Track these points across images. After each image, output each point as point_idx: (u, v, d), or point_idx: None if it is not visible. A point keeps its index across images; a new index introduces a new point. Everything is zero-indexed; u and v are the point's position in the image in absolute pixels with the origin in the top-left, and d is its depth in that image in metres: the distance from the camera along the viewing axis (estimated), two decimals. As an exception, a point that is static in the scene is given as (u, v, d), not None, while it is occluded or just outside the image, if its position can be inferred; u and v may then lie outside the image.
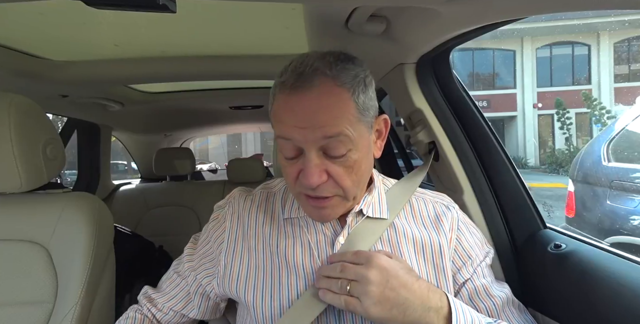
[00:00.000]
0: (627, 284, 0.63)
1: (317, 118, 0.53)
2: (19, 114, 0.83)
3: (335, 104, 0.54)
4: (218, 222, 0.70)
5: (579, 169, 2.63)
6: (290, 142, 0.55)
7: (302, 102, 0.54)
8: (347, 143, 0.54)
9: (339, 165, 0.56)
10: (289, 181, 0.60)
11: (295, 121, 0.54)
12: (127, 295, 1.48)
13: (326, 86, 0.54)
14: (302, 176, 0.55)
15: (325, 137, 0.53)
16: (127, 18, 0.96)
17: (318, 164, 0.54)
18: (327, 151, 0.55)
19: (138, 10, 0.54)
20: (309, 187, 0.55)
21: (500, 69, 14.55)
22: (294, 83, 0.54)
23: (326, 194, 0.57)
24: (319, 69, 0.54)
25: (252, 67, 1.36)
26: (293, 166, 0.57)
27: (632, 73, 13.40)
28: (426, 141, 1.03)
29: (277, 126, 0.57)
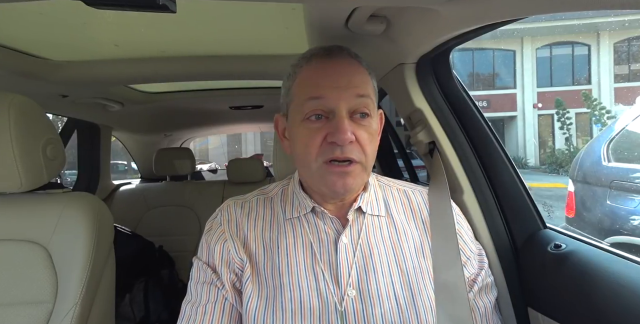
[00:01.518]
0: (627, 284, 0.63)
1: (352, 79, 0.59)
2: (19, 114, 0.83)
3: (362, 73, 0.62)
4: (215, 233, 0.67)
5: (579, 169, 2.63)
6: (321, 102, 0.58)
7: (336, 66, 0.60)
8: (371, 108, 0.60)
9: (364, 130, 0.59)
10: (311, 150, 0.59)
11: (331, 81, 0.58)
12: (127, 295, 1.48)
13: (353, 61, 0.62)
14: (333, 135, 0.57)
15: (358, 95, 0.58)
16: (127, 18, 0.96)
17: (349, 123, 0.57)
18: (354, 113, 0.59)
19: (138, 10, 0.54)
20: (341, 143, 0.56)
21: (500, 69, 14.55)
22: (326, 53, 0.62)
23: (353, 156, 0.58)
24: (342, 48, 0.63)
25: (252, 67, 1.36)
26: (319, 131, 0.58)
27: (632, 73, 13.40)
28: (426, 141, 1.03)
29: (307, 89, 0.60)
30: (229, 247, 0.64)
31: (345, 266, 0.61)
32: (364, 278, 0.61)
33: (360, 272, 0.61)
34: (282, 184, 0.72)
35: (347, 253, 0.62)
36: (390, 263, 0.63)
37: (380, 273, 0.61)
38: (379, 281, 0.61)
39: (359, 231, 0.64)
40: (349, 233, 0.64)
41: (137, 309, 1.50)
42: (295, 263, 0.62)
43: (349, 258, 0.62)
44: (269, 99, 2.00)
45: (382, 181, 0.73)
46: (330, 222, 0.65)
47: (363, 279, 0.61)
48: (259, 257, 0.63)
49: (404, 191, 0.71)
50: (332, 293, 0.60)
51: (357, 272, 0.61)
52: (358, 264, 0.62)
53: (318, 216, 0.65)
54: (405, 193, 0.71)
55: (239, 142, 17.92)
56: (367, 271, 0.61)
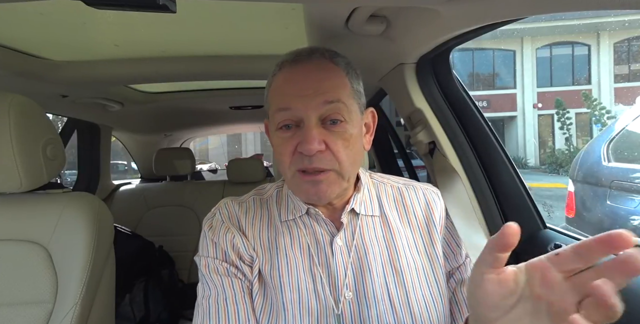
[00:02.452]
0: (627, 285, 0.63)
1: (319, 85, 0.57)
2: (19, 114, 0.83)
3: (333, 76, 0.59)
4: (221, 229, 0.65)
5: (579, 169, 2.63)
6: (289, 112, 0.57)
7: (303, 72, 0.58)
8: (344, 112, 0.58)
9: (337, 137, 0.57)
10: (284, 159, 0.59)
11: (297, 89, 0.57)
12: (127, 295, 1.48)
13: (323, 62, 0.59)
14: (301, 145, 0.56)
15: (326, 102, 0.56)
16: (127, 18, 0.96)
17: (318, 132, 0.56)
18: (325, 119, 0.57)
19: (138, 10, 0.54)
20: (308, 153, 0.55)
21: (500, 69, 14.54)
22: (293, 59, 0.60)
23: (323, 166, 0.57)
24: (316, 51, 0.60)
25: (252, 67, 1.36)
26: (289, 140, 0.57)
27: (632, 73, 13.40)
28: (426, 141, 1.03)
29: (276, 99, 0.59)
30: (238, 243, 0.63)
31: (342, 268, 0.61)
32: (359, 279, 0.61)
33: (356, 273, 0.61)
34: (277, 186, 0.72)
35: (342, 254, 0.62)
36: (385, 262, 0.62)
37: (375, 273, 0.61)
38: (374, 282, 0.61)
39: (353, 233, 0.64)
40: (343, 236, 0.63)
41: (137, 309, 1.50)
42: (295, 265, 0.62)
43: (345, 260, 0.62)
44: (269, 99, 1.99)
45: (375, 179, 0.73)
46: (324, 224, 0.64)
47: (359, 280, 0.61)
48: (261, 256, 0.63)
49: (397, 188, 0.71)
50: (329, 296, 0.60)
51: (353, 273, 0.61)
52: (354, 266, 0.62)
53: (313, 218, 0.65)
54: (399, 190, 0.71)
55: (239, 142, 17.92)
56: (362, 272, 0.61)
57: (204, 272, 0.63)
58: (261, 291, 0.62)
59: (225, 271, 0.62)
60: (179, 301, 1.70)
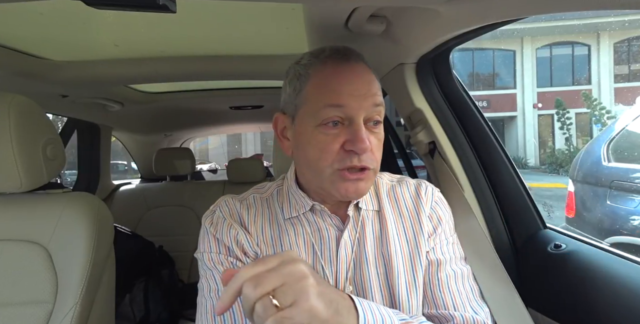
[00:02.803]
0: (627, 285, 0.63)
1: (370, 87, 0.59)
2: (19, 114, 0.83)
3: (375, 81, 0.61)
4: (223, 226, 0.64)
5: (579, 169, 2.63)
6: (341, 109, 0.57)
7: (355, 72, 0.59)
8: (382, 116, 0.61)
9: (375, 138, 0.60)
10: (326, 156, 0.58)
11: (351, 88, 0.58)
12: (127, 295, 1.48)
13: (367, 67, 0.62)
14: (352, 143, 0.56)
15: (375, 104, 0.58)
16: (127, 18, 0.96)
17: (365, 132, 0.58)
18: (368, 121, 0.59)
19: (138, 10, 0.54)
20: (361, 152, 0.56)
21: (500, 69, 14.54)
22: (342, 56, 0.60)
23: (369, 164, 0.58)
24: (359, 54, 0.62)
25: (252, 67, 1.36)
26: (336, 138, 0.58)
27: (632, 73, 13.40)
28: (426, 141, 1.03)
29: (326, 95, 0.58)
30: (242, 239, 0.63)
31: (344, 263, 0.63)
32: (358, 272, 0.63)
33: (356, 266, 0.63)
34: (277, 185, 0.72)
35: (346, 249, 0.63)
36: (377, 256, 0.64)
37: (372, 264, 0.63)
38: (371, 273, 0.63)
39: (355, 227, 0.65)
40: (353, 229, 0.65)
41: (137, 309, 1.50)
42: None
43: (348, 254, 0.63)
44: (269, 99, 1.99)
45: None
46: (330, 219, 0.65)
47: (357, 273, 0.62)
48: (265, 253, 0.63)
49: (391, 186, 0.72)
50: None
51: (354, 266, 0.63)
52: (355, 260, 0.63)
53: (317, 214, 0.65)
54: (393, 188, 0.72)
55: (239, 142, 17.91)
56: (360, 264, 0.63)
57: (209, 266, 0.62)
58: None
59: (230, 265, 0.61)
60: (179, 301, 1.70)
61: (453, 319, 0.61)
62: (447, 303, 0.62)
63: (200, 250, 0.65)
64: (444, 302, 0.63)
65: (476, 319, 0.61)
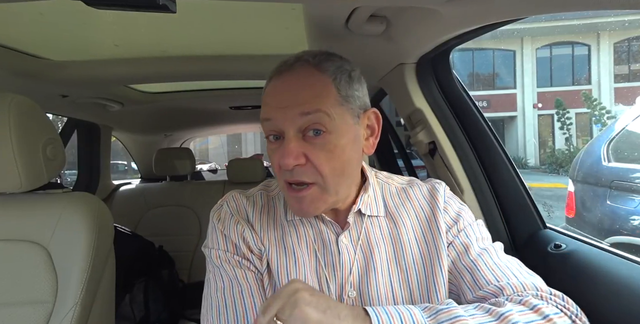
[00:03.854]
0: (627, 284, 0.63)
1: (297, 96, 0.55)
2: (19, 114, 0.83)
3: (315, 84, 0.56)
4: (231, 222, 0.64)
5: (579, 169, 2.63)
6: (271, 123, 0.57)
7: (283, 83, 0.58)
8: (326, 123, 0.55)
9: (319, 149, 0.55)
10: (275, 170, 0.60)
11: (276, 101, 0.57)
12: (127, 295, 1.48)
13: (306, 70, 0.57)
14: (279, 157, 0.55)
15: (303, 113, 0.54)
16: (127, 18, 0.96)
17: (295, 145, 0.55)
18: (306, 131, 0.56)
19: (138, 10, 0.54)
20: (285, 168, 0.55)
21: (500, 69, 14.54)
22: (277, 69, 0.60)
23: (304, 179, 0.56)
24: (301, 58, 0.59)
25: (252, 67, 1.36)
26: (276, 152, 0.57)
27: (632, 73, 13.40)
28: (426, 141, 1.03)
29: (262, 109, 0.60)
30: (247, 236, 0.63)
31: (347, 267, 0.61)
32: (364, 279, 0.61)
33: (361, 273, 0.61)
34: None
35: (348, 253, 0.62)
36: (390, 262, 0.62)
37: (380, 273, 0.61)
38: (379, 282, 0.61)
39: (358, 233, 0.64)
40: (348, 235, 0.64)
41: (137, 309, 1.50)
42: (302, 264, 0.62)
43: (351, 259, 0.62)
44: (269, 99, 1.99)
45: (380, 179, 0.72)
46: (330, 224, 0.65)
47: (363, 280, 0.61)
48: (268, 252, 0.63)
49: (402, 189, 0.71)
50: (334, 294, 0.60)
51: (359, 273, 0.61)
52: (359, 265, 0.62)
53: (319, 217, 0.65)
54: (405, 191, 0.70)
55: (239, 142, 17.91)
56: (367, 272, 0.61)
57: (216, 263, 0.62)
58: (271, 285, 0.61)
59: (238, 263, 0.61)
60: (179, 301, 1.70)
61: (502, 290, 0.55)
62: (489, 278, 0.58)
63: (208, 245, 0.64)
64: (485, 279, 0.58)
65: (525, 284, 0.56)
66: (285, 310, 0.45)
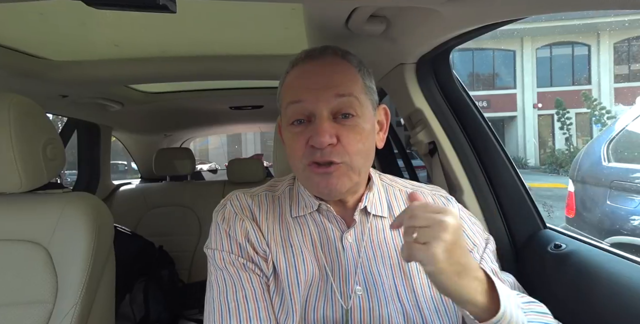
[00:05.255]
0: (627, 284, 0.63)
1: (330, 79, 0.58)
2: (19, 114, 0.83)
3: (345, 70, 0.60)
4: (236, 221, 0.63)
5: (579, 169, 2.63)
6: (301, 105, 0.58)
7: (314, 67, 0.60)
8: (356, 107, 0.58)
9: (349, 130, 0.57)
10: (295, 154, 0.59)
11: (308, 83, 0.58)
12: (127, 295, 1.48)
13: (335, 59, 0.61)
14: (312, 138, 0.56)
15: (338, 95, 0.57)
16: (127, 18, 0.96)
17: (329, 125, 0.56)
18: (337, 113, 0.58)
19: (138, 10, 0.54)
20: (319, 145, 0.56)
21: (500, 69, 14.55)
22: (305, 56, 0.61)
23: (334, 159, 0.57)
24: (329, 48, 0.62)
25: (252, 67, 1.36)
26: (301, 135, 0.58)
27: (632, 73, 13.40)
28: (426, 141, 1.04)
29: (288, 93, 0.60)
30: (252, 236, 0.62)
31: (352, 265, 0.61)
32: (369, 278, 0.61)
33: (366, 272, 0.61)
34: (288, 183, 0.71)
35: (352, 251, 0.62)
36: (393, 265, 0.62)
37: (384, 275, 0.61)
38: (384, 284, 0.61)
39: (362, 232, 0.64)
40: (353, 233, 0.64)
41: (137, 309, 1.50)
42: (310, 261, 0.61)
43: (355, 257, 0.62)
44: (269, 99, 1.99)
45: (385, 181, 0.73)
46: (335, 221, 0.64)
47: (368, 279, 0.61)
48: (275, 252, 0.62)
49: (405, 192, 0.71)
50: (337, 291, 0.60)
51: (363, 272, 0.61)
52: (363, 265, 0.62)
53: (324, 214, 0.65)
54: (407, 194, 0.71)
55: (239, 142, 17.91)
56: (372, 272, 0.61)
57: (220, 265, 0.61)
58: (278, 289, 0.60)
59: (243, 266, 0.60)
60: (179, 301, 1.70)
61: None
62: None
63: (212, 246, 0.63)
64: None
65: None
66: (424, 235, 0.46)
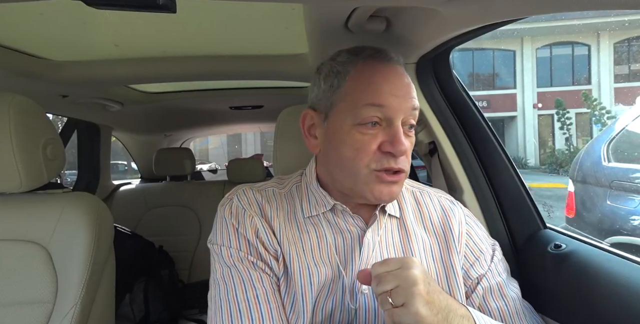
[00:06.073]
0: (627, 284, 0.63)
1: (409, 90, 0.59)
2: (19, 114, 0.83)
3: (411, 84, 0.61)
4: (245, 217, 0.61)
5: (579, 169, 2.63)
6: (381, 109, 0.57)
7: (396, 73, 0.59)
8: (416, 120, 0.61)
9: (409, 141, 0.59)
10: (362, 156, 0.57)
11: (392, 88, 0.57)
12: (127, 295, 1.48)
13: (401, 66, 0.62)
14: (390, 145, 0.56)
15: (413, 108, 0.58)
16: (127, 18, 0.96)
17: (403, 134, 0.57)
18: (404, 123, 0.58)
19: (138, 10, 0.54)
20: (399, 154, 0.56)
21: (500, 69, 14.55)
22: (383, 56, 0.60)
23: (404, 167, 0.58)
24: (396, 56, 0.62)
25: (252, 67, 1.35)
26: (374, 138, 0.57)
27: (632, 73, 13.40)
28: (426, 141, 1.04)
29: (367, 93, 0.57)
30: (262, 234, 0.60)
31: (365, 264, 0.61)
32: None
33: None
34: (294, 181, 0.69)
35: (369, 250, 0.61)
36: None
37: None
38: None
39: (378, 230, 0.63)
40: (371, 231, 0.62)
41: (137, 309, 1.50)
42: (324, 264, 0.60)
43: (369, 255, 0.61)
44: (269, 99, 1.99)
45: None
46: (352, 220, 0.63)
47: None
48: (287, 252, 0.60)
49: (412, 192, 0.70)
50: (347, 289, 0.59)
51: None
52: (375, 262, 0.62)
53: (337, 214, 0.63)
54: (414, 194, 0.70)
55: (239, 142, 17.91)
56: None
57: (227, 262, 0.58)
58: (290, 289, 0.59)
59: (252, 265, 0.58)
60: (179, 301, 1.70)
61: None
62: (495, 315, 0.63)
63: (218, 242, 0.60)
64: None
65: None
66: (399, 296, 0.47)
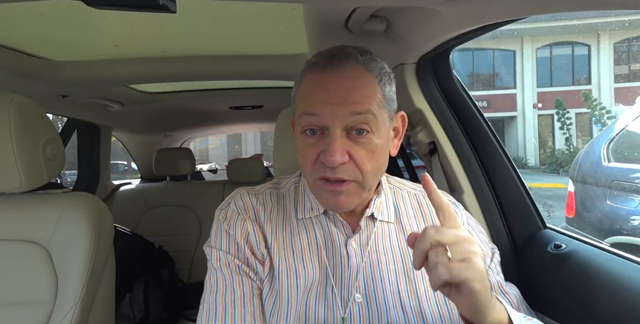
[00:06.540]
0: (627, 284, 0.63)
1: (349, 95, 0.54)
2: (19, 114, 0.83)
3: (365, 85, 0.56)
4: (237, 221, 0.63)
5: (579, 169, 2.63)
6: (315, 118, 0.55)
7: (334, 80, 0.56)
8: (372, 124, 0.55)
9: (362, 148, 0.56)
10: (306, 164, 0.58)
11: (325, 96, 0.55)
12: (127, 295, 1.48)
13: (357, 69, 0.57)
14: (324, 155, 0.54)
15: (354, 113, 0.54)
16: (127, 18, 0.96)
17: (342, 143, 0.54)
18: (351, 130, 0.55)
19: (138, 10, 0.54)
20: (330, 165, 0.54)
21: (500, 69, 14.54)
22: (326, 62, 0.57)
23: (345, 177, 0.55)
24: (351, 54, 0.57)
25: (252, 67, 1.36)
26: (313, 147, 0.56)
27: (632, 73, 13.40)
28: (426, 141, 1.04)
29: (303, 103, 0.57)
30: (252, 238, 0.61)
31: (354, 271, 0.60)
32: (370, 285, 0.60)
33: (367, 278, 0.60)
34: (294, 181, 0.70)
35: (356, 257, 0.61)
36: (398, 271, 0.62)
37: (387, 281, 0.60)
38: (386, 290, 0.60)
39: (368, 237, 0.63)
40: (358, 239, 0.63)
41: (137, 309, 1.50)
42: (312, 265, 0.60)
43: (358, 263, 0.61)
44: (269, 99, 2.00)
45: (392, 183, 0.72)
46: (341, 226, 0.63)
47: (369, 285, 0.60)
48: (276, 255, 0.61)
49: (414, 195, 0.70)
50: (337, 297, 0.59)
51: (364, 278, 0.60)
52: (365, 271, 0.61)
53: (330, 218, 0.64)
54: (416, 196, 0.70)
55: (239, 142, 17.91)
56: (373, 278, 0.60)
57: (215, 265, 0.61)
58: (273, 291, 0.60)
59: (237, 268, 0.60)
60: (179, 301, 1.70)
61: None
62: None
63: (211, 244, 0.63)
64: None
65: None
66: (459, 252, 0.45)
